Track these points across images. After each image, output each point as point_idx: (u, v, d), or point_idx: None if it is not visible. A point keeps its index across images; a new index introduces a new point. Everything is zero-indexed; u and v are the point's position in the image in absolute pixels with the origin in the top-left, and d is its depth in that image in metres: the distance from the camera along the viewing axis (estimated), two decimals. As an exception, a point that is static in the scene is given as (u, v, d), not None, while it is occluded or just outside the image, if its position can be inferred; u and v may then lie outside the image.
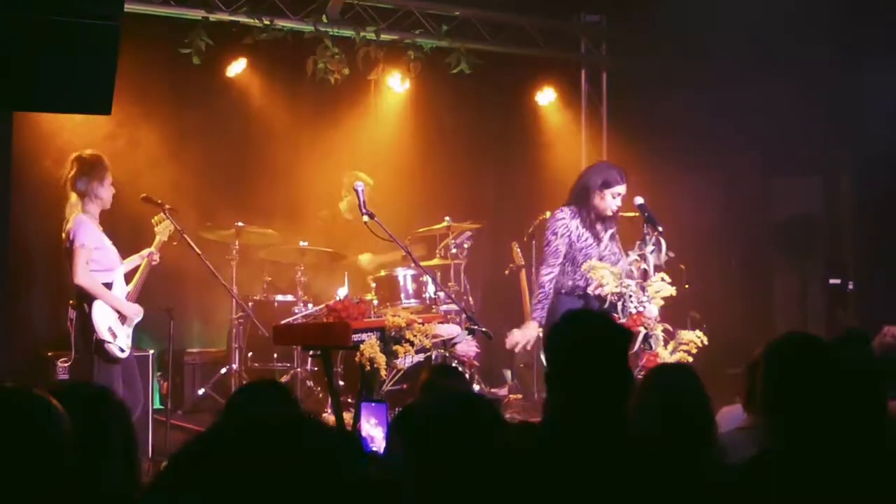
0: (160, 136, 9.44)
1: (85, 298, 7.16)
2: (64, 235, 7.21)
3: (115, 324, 7.21)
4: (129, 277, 7.56)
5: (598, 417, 3.26)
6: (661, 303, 6.98)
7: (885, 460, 3.35)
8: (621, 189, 7.25)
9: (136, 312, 7.40)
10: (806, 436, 3.14)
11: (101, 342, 7.12)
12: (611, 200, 7.23)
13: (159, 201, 8.06)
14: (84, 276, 7.11)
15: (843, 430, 3.35)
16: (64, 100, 5.31)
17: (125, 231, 8.26)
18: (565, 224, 7.22)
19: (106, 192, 7.30)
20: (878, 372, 3.59)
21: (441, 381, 4.94)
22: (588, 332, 3.42)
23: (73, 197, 7.23)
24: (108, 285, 7.28)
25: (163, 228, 7.80)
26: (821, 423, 3.16)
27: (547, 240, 7.30)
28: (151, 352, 8.44)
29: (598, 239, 7.28)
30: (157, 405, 8.76)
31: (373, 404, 5.76)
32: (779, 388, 3.23)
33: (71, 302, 7.28)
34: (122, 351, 7.23)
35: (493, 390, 10.11)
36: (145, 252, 7.69)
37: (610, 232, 7.40)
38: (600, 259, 7.17)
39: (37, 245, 8.90)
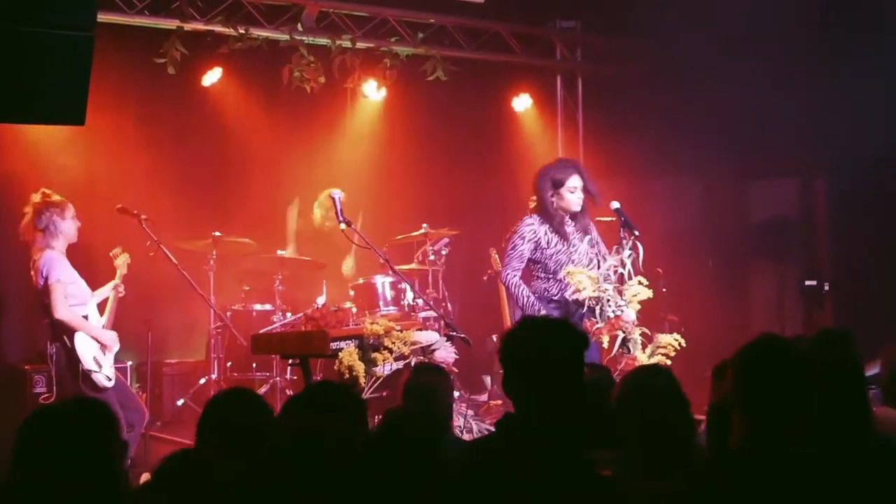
0: (135, 146, 9.42)
1: (66, 332, 7.14)
2: (33, 273, 7.15)
3: (98, 353, 7.21)
4: (100, 309, 7.55)
5: (547, 426, 3.27)
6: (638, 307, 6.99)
7: (867, 458, 3.38)
8: (576, 181, 7.22)
9: (113, 340, 7.40)
10: (772, 435, 3.16)
11: (88, 372, 7.11)
12: (570, 196, 7.22)
13: (135, 212, 8.05)
14: (65, 310, 7.09)
15: (823, 427, 3.38)
16: (36, 110, 5.29)
17: (102, 244, 8.21)
18: (533, 229, 7.22)
19: (68, 226, 7.25)
20: (858, 368, 3.62)
21: (421, 378, 4.95)
22: (540, 339, 3.41)
23: (38, 236, 7.20)
24: (84, 317, 7.28)
25: (121, 262, 7.79)
26: (789, 422, 3.18)
27: (513, 243, 7.25)
28: (129, 363, 8.42)
29: (567, 241, 7.24)
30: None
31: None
32: (745, 388, 3.25)
33: (48, 338, 7.24)
34: (109, 380, 7.23)
35: (472, 396, 10.11)
36: (111, 284, 7.68)
37: (589, 238, 7.39)
38: (571, 263, 7.16)
39: (6, 255, 8.80)
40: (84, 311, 7.30)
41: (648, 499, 3.47)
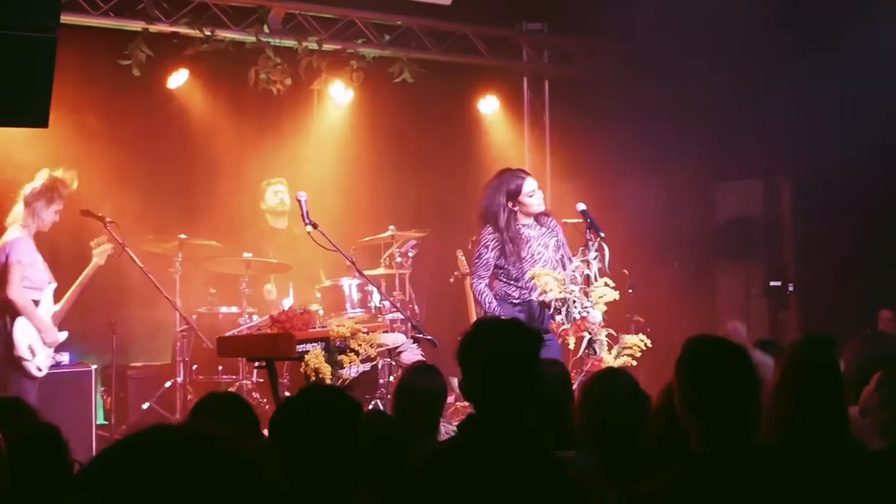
0: (101, 149, 9.34)
1: (9, 313, 7.11)
2: None
3: (35, 342, 7.17)
4: (59, 297, 7.51)
5: (503, 428, 3.28)
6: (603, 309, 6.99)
7: (841, 462, 3.41)
8: (531, 185, 7.32)
9: (54, 340, 7.35)
10: (730, 440, 3.18)
11: (19, 359, 7.07)
12: (530, 200, 7.29)
13: (100, 214, 8.01)
14: (18, 292, 7.07)
15: (802, 431, 3.41)
16: (-1, 113, 5.26)
17: (65, 246, 8.16)
18: (497, 238, 7.28)
19: (47, 215, 7.27)
20: (839, 374, 3.65)
21: (418, 380, 4.94)
22: (494, 342, 3.42)
23: (21, 205, 7.23)
24: (36, 303, 7.24)
25: (101, 252, 7.75)
26: (741, 424, 3.20)
27: (478, 252, 7.36)
28: (94, 367, 8.35)
29: (523, 254, 7.28)
30: (101, 420, 8.66)
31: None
32: (697, 391, 3.27)
33: None
34: (40, 370, 7.19)
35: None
36: (80, 282, 7.65)
37: (554, 240, 7.42)
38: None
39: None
40: (38, 296, 7.27)
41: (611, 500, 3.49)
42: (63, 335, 7.47)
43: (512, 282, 7.27)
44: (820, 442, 3.41)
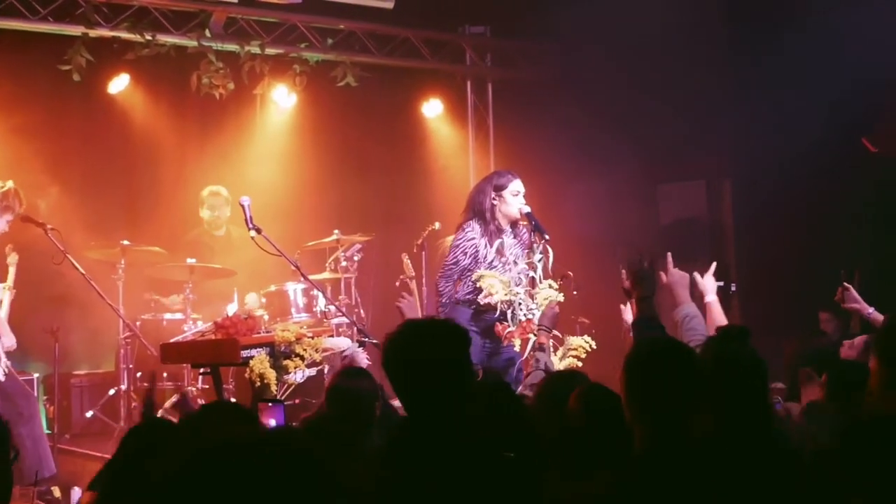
0: (41, 155, 9.25)
1: None
2: None
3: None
4: None
5: (434, 430, 3.27)
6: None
7: (772, 457, 3.44)
8: (518, 186, 7.29)
9: (12, 344, 7.31)
10: (675, 437, 3.21)
11: None
12: (513, 199, 7.26)
13: (40, 221, 7.93)
14: None
15: (728, 425, 3.43)
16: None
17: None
18: (474, 244, 7.23)
19: None
20: (759, 365, 3.69)
21: (347, 382, 4.91)
22: (415, 342, 3.41)
23: None
24: None
25: (13, 260, 7.72)
26: (689, 423, 3.23)
27: (455, 258, 7.25)
28: (36, 375, 8.27)
29: (501, 257, 7.24)
30: (44, 429, 8.56)
31: (269, 405, 5.69)
32: (645, 390, 3.30)
33: None
34: (5, 374, 7.12)
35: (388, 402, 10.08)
36: (3, 286, 7.60)
37: (522, 249, 7.36)
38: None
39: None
40: None
41: (567, 500, 3.50)
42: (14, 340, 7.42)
43: (475, 286, 7.19)
44: (745, 435, 3.44)
